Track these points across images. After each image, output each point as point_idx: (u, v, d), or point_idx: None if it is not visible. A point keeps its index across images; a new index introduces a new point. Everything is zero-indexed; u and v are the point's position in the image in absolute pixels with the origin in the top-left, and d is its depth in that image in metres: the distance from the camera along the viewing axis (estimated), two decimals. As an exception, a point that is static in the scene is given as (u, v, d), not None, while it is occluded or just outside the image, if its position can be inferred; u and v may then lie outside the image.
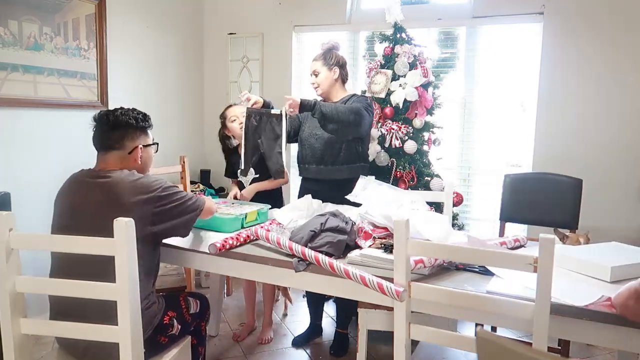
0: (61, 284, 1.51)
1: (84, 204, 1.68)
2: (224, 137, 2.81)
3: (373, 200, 2.07)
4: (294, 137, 2.73)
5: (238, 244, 1.90)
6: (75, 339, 1.58)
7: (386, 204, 2.03)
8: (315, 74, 2.60)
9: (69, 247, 1.49)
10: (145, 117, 1.87)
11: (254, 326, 2.94)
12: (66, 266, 1.65)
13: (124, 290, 1.41)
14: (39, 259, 2.67)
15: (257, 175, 2.69)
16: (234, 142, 2.79)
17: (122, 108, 1.83)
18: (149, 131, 1.88)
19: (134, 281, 1.45)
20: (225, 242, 1.85)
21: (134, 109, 1.85)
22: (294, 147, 2.86)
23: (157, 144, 1.93)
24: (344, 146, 2.55)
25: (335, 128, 2.41)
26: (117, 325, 1.44)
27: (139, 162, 1.82)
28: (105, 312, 1.49)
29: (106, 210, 1.60)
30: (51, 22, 2.82)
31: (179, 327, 1.83)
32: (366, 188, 2.16)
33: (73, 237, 1.49)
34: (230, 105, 2.81)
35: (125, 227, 1.39)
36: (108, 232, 1.42)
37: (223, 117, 2.77)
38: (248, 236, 1.95)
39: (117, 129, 1.77)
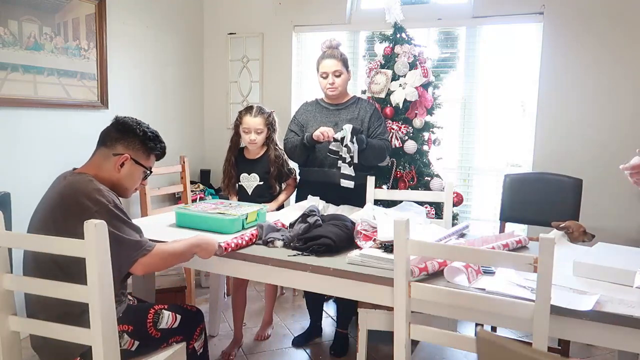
0: (38, 283, 1.49)
1: (42, 202, 1.64)
2: (238, 135, 2.75)
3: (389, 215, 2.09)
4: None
5: (244, 242, 1.90)
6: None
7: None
8: (337, 74, 2.58)
9: (41, 246, 1.45)
10: (155, 139, 1.74)
11: (271, 323, 2.93)
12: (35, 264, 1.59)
13: (95, 292, 1.36)
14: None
15: (262, 183, 2.69)
16: (242, 144, 2.78)
17: (140, 121, 1.74)
18: (152, 155, 1.75)
19: (107, 283, 1.39)
20: (229, 243, 1.84)
21: (149, 127, 1.74)
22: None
23: (150, 172, 1.78)
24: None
25: (370, 160, 2.58)
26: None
27: (118, 172, 1.67)
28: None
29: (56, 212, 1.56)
30: (51, 22, 2.82)
31: (135, 342, 1.63)
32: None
33: (46, 237, 1.45)
34: (249, 110, 2.68)
35: (95, 229, 1.33)
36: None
37: (239, 120, 2.69)
38: (254, 235, 1.96)
39: (120, 130, 1.69)
